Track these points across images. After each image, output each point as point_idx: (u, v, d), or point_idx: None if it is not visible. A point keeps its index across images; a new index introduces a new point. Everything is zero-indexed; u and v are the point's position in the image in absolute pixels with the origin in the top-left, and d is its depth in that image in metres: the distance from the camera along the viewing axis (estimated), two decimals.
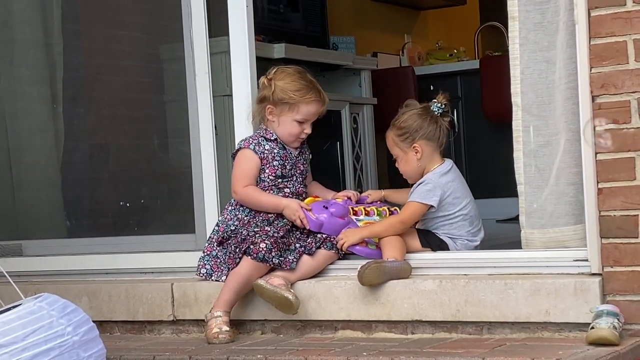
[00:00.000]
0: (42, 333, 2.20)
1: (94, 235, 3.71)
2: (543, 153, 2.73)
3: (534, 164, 2.74)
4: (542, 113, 2.73)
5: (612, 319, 2.46)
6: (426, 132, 3.03)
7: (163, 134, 3.79)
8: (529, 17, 2.72)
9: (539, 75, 2.72)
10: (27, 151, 3.88)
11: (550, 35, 2.70)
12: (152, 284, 3.19)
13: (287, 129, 3.00)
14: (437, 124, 3.05)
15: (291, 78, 3.01)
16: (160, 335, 3.16)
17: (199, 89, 3.24)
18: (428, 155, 3.03)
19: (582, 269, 2.63)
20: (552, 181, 2.71)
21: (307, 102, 2.99)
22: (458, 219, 3.01)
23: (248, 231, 2.94)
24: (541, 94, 2.73)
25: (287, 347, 2.72)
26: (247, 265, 2.88)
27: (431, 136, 3.03)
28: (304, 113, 2.99)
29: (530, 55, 2.72)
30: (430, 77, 5.60)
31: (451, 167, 3.07)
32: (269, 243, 2.86)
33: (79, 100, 3.94)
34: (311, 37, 5.13)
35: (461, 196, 3.02)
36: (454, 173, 3.05)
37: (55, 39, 3.82)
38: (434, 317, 2.74)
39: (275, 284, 2.84)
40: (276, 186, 3.00)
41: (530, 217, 2.76)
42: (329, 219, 2.95)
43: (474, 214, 3.04)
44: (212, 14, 3.27)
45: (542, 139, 2.73)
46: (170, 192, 3.72)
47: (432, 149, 3.04)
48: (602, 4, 2.57)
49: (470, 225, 3.03)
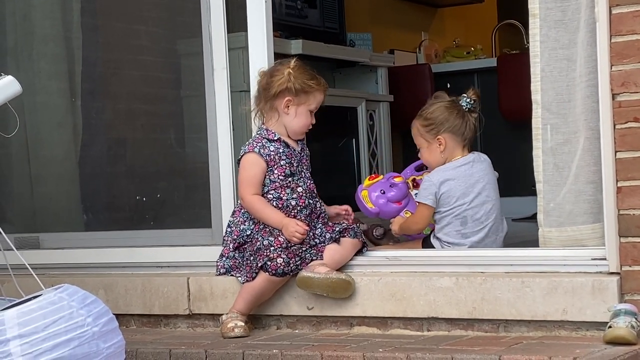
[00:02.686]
0: (63, 323, 2.21)
1: (111, 228, 3.72)
2: (562, 151, 2.72)
3: (553, 162, 2.73)
4: (561, 111, 2.72)
5: (630, 318, 2.45)
6: (452, 126, 3.06)
7: (180, 128, 3.80)
8: (550, 14, 2.71)
9: (559, 73, 2.71)
10: (46, 145, 3.90)
11: (571, 33, 2.69)
12: (168, 278, 3.19)
13: (302, 121, 2.99)
14: (464, 119, 3.08)
15: (303, 68, 3.01)
16: (176, 329, 3.17)
17: (217, 84, 3.24)
18: (451, 148, 3.07)
19: (600, 267, 2.62)
20: (571, 179, 2.70)
21: (320, 91, 3.01)
22: (448, 217, 3.02)
23: (263, 239, 2.92)
24: (561, 91, 2.72)
25: (302, 343, 2.73)
26: (263, 280, 2.90)
27: (456, 130, 3.06)
28: (317, 102, 3.01)
29: (550, 53, 2.71)
30: (447, 74, 5.59)
31: (465, 163, 3.05)
32: (285, 257, 2.87)
33: (97, 94, 3.96)
34: (328, 33, 5.13)
35: (459, 195, 3.01)
36: (459, 170, 3.04)
37: (75, 33, 3.84)
38: (450, 314, 2.73)
39: (323, 272, 2.84)
40: (288, 186, 2.96)
41: (549, 216, 2.75)
42: (385, 206, 2.98)
43: (470, 215, 3.01)
44: (231, 9, 3.27)
45: (562, 137, 2.72)
46: (187, 187, 3.73)
47: (456, 143, 3.07)
48: (623, 2, 2.56)
49: (462, 226, 3.02)
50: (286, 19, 4.84)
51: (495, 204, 3.08)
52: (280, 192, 2.96)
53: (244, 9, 3.19)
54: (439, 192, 3.02)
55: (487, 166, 3.12)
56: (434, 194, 3.02)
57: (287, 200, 2.94)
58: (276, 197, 2.95)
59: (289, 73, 2.97)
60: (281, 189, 2.97)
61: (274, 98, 2.99)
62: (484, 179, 3.07)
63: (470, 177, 3.06)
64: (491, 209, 3.05)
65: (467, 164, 3.07)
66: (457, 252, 2.98)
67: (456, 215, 3.03)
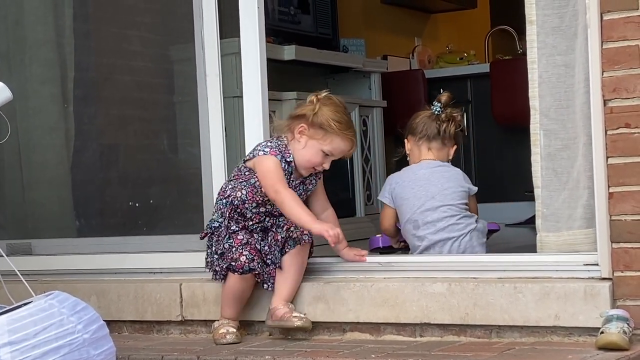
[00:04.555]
0: (53, 330, 2.20)
1: (103, 234, 3.71)
2: (561, 157, 2.72)
3: (552, 168, 2.73)
4: (560, 117, 2.72)
5: (622, 323, 2.45)
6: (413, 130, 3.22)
7: (173, 134, 3.79)
8: (547, 21, 2.71)
9: (557, 79, 2.72)
10: (38, 150, 3.89)
11: (568, 39, 2.70)
12: (160, 284, 3.19)
13: (309, 155, 2.88)
14: (432, 123, 3.18)
15: (337, 108, 2.89)
16: (169, 336, 3.16)
17: (210, 90, 3.24)
18: (415, 151, 3.22)
19: (592, 273, 2.62)
20: (571, 184, 2.70)
21: (342, 137, 2.87)
22: (403, 221, 3.14)
23: (224, 242, 2.89)
24: (559, 97, 2.72)
25: (295, 349, 2.72)
26: (234, 281, 2.90)
27: (416, 133, 3.20)
28: (334, 147, 2.87)
29: (548, 59, 2.72)
30: (440, 80, 5.60)
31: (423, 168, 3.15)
32: (248, 253, 2.85)
33: (89, 100, 3.95)
34: (321, 39, 5.14)
35: (409, 198, 3.11)
36: (409, 173, 3.17)
37: (67, 39, 3.83)
38: (442, 320, 2.73)
39: (279, 316, 2.83)
40: (266, 205, 2.91)
41: (546, 221, 2.75)
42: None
43: (421, 219, 3.09)
44: (223, 15, 3.27)
45: (560, 142, 2.72)
46: (179, 193, 3.72)
47: (417, 146, 3.20)
48: (614, 8, 2.57)
49: (415, 229, 3.11)
50: (279, 24, 4.85)
51: (452, 208, 3.10)
52: (259, 205, 2.91)
53: (236, 15, 3.19)
54: (393, 190, 3.16)
55: (451, 175, 3.16)
56: (389, 192, 3.17)
57: (255, 209, 2.91)
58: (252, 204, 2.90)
59: (317, 101, 2.87)
60: (261, 205, 2.92)
61: (294, 119, 2.92)
62: (442, 184, 3.12)
63: (423, 181, 3.12)
64: (445, 212, 3.08)
65: (425, 169, 3.16)
66: (450, 258, 2.98)
67: (408, 219, 3.11)
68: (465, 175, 3.21)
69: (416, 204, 3.10)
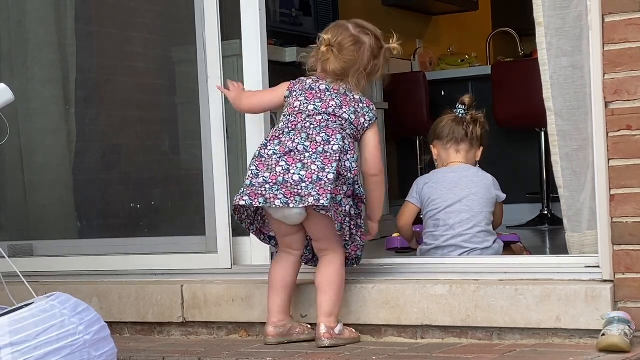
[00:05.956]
0: (54, 332, 2.20)
1: (105, 236, 3.71)
2: (577, 157, 2.73)
3: (571, 168, 2.74)
4: (572, 118, 2.73)
5: (623, 325, 2.45)
6: (439, 134, 3.25)
7: (174, 136, 3.80)
8: (552, 22, 2.72)
9: (565, 80, 2.72)
10: (39, 152, 3.89)
11: (573, 41, 2.70)
12: (162, 286, 3.19)
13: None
14: (457, 126, 3.22)
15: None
16: (170, 337, 3.17)
17: (211, 91, 3.24)
18: (443, 155, 3.24)
19: (593, 275, 2.63)
20: (590, 185, 2.70)
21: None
22: (426, 219, 3.18)
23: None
24: (569, 99, 2.73)
25: (296, 351, 2.72)
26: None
27: (443, 137, 3.23)
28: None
29: (555, 61, 2.73)
30: (442, 82, 5.60)
31: (452, 171, 3.18)
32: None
33: (91, 101, 3.95)
34: None
35: (437, 199, 3.14)
36: (439, 175, 3.19)
37: (69, 40, 3.84)
38: (443, 322, 2.73)
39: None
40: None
41: (571, 221, 2.75)
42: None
43: (443, 219, 3.12)
44: (225, 17, 3.27)
45: (575, 143, 2.73)
46: (181, 194, 3.72)
47: (445, 150, 3.23)
48: (616, 10, 2.57)
49: (434, 228, 3.14)
50: (281, 26, 4.85)
51: (476, 217, 3.10)
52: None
53: (238, 17, 3.20)
54: (421, 192, 3.18)
55: (481, 181, 3.17)
56: (417, 192, 3.20)
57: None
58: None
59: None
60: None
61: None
62: (471, 189, 3.13)
63: (452, 184, 3.14)
64: (468, 219, 3.09)
65: (455, 172, 3.18)
66: (451, 260, 2.98)
67: (431, 217, 3.14)
68: (495, 181, 3.22)
69: (442, 205, 3.12)
